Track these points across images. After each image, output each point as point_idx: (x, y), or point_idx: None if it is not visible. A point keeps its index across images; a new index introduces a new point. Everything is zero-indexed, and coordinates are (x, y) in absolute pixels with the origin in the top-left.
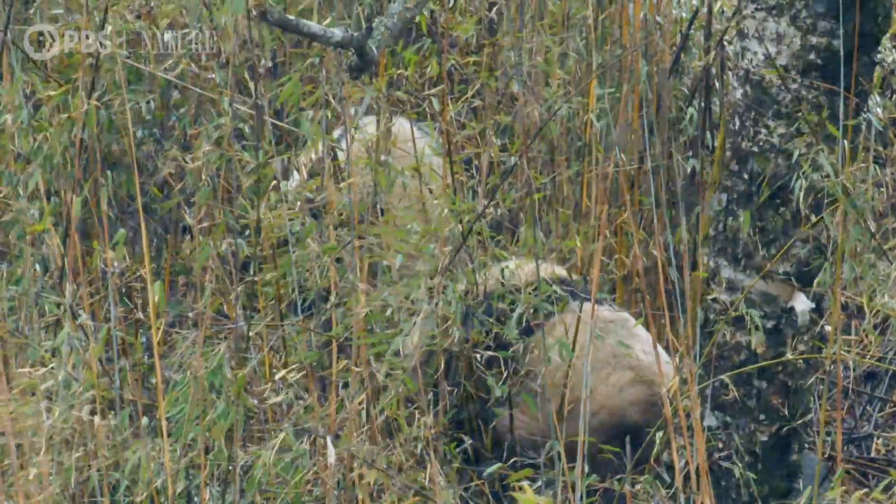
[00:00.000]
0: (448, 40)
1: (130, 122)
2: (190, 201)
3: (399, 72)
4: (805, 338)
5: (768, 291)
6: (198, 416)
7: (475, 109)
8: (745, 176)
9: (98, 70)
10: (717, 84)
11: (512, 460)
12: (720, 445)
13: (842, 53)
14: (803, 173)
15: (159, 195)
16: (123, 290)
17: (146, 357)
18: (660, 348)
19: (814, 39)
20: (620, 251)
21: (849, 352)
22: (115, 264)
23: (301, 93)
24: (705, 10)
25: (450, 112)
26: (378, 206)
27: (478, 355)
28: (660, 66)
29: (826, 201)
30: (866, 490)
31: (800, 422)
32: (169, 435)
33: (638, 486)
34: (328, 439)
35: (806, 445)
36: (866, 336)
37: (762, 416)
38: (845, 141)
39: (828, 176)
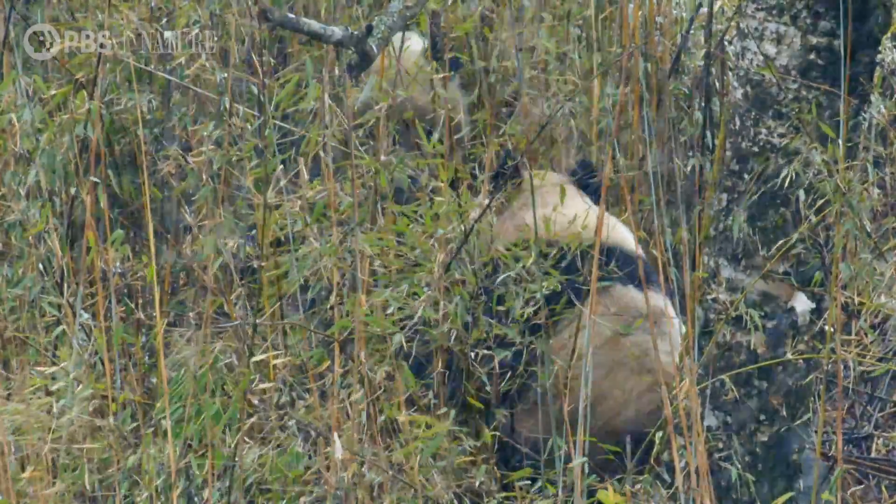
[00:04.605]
0: (448, 40)
1: (137, 121)
2: (190, 200)
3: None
4: (805, 338)
5: (768, 291)
6: (196, 415)
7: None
8: (746, 176)
9: (101, 69)
10: (717, 84)
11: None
12: (720, 445)
13: (842, 53)
14: (795, 173)
15: (159, 195)
16: (124, 289)
17: (146, 357)
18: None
19: (814, 39)
20: None
21: (849, 352)
22: (117, 264)
23: (300, 95)
24: (705, 9)
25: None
26: (379, 206)
27: (478, 355)
28: (660, 66)
29: (822, 201)
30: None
31: (800, 422)
32: (173, 435)
33: (638, 486)
34: (336, 435)
35: (806, 445)
36: (865, 336)
37: (762, 416)
38: (840, 140)
39: (821, 174)
